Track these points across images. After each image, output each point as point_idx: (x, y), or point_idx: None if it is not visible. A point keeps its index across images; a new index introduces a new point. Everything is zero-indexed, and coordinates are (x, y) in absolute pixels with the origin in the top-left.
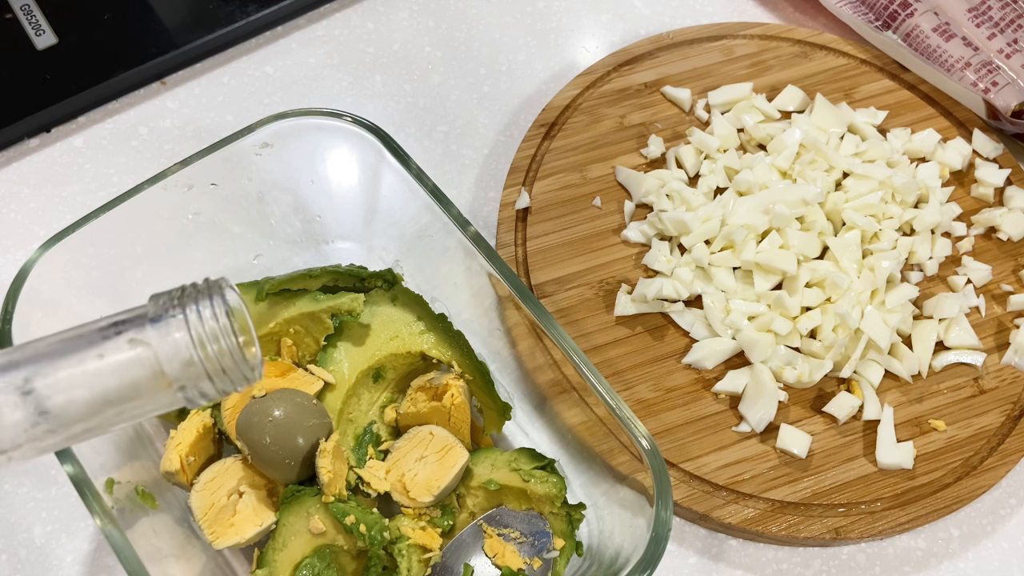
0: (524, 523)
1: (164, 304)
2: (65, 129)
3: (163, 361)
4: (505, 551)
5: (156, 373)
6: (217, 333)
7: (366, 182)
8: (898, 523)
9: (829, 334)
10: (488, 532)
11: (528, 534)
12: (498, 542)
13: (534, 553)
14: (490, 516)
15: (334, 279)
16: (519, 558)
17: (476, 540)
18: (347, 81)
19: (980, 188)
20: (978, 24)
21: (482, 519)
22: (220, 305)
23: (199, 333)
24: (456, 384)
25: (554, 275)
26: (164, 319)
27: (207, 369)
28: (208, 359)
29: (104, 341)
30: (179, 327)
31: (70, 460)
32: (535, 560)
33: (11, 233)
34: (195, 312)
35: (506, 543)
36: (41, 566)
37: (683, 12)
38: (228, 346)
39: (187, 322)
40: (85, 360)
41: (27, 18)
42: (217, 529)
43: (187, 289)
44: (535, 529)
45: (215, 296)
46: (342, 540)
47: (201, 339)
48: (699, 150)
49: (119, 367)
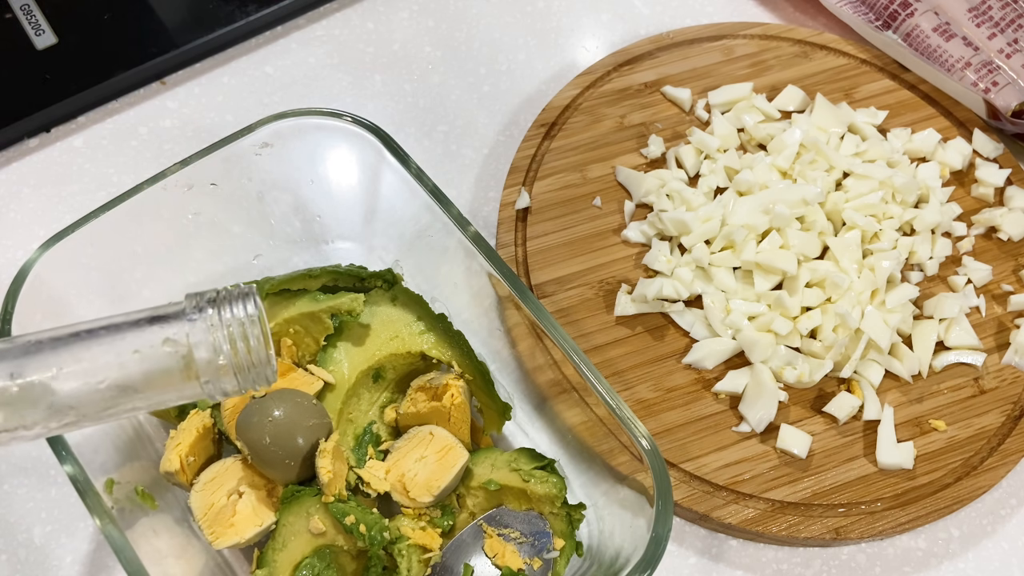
0: (524, 523)
1: (199, 303)
2: (65, 129)
3: (195, 355)
4: (505, 551)
5: (185, 366)
6: (247, 334)
7: (366, 182)
8: (898, 523)
9: (829, 334)
10: (488, 532)
11: (528, 534)
12: (498, 542)
13: (534, 553)
14: (490, 516)
15: (334, 279)
16: (519, 558)
17: (476, 540)
18: (347, 81)
19: (980, 188)
20: (978, 24)
21: (482, 519)
22: (252, 309)
23: (231, 333)
24: (456, 384)
25: (554, 275)
26: (201, 317)
27: (234, 367)
28: (236, 358)
29: (140, 332)
30: (214, 325)
31: (70, 460)
32: (535, 560)
33: (11, 233)
34: (229, 313)
35: (506, 543)
36: (41, 566)
37: (683, 12)
38: (256, 347)
39: (222, 321)
40: (120, 348)
41: (27, 18)
42: (217, 529)
43: (221, 292)
44: (535, 529)
45: (247, 301)
46: (342, 540)
47: (233, 338)
48: (699, 150)
49: (152, 358)
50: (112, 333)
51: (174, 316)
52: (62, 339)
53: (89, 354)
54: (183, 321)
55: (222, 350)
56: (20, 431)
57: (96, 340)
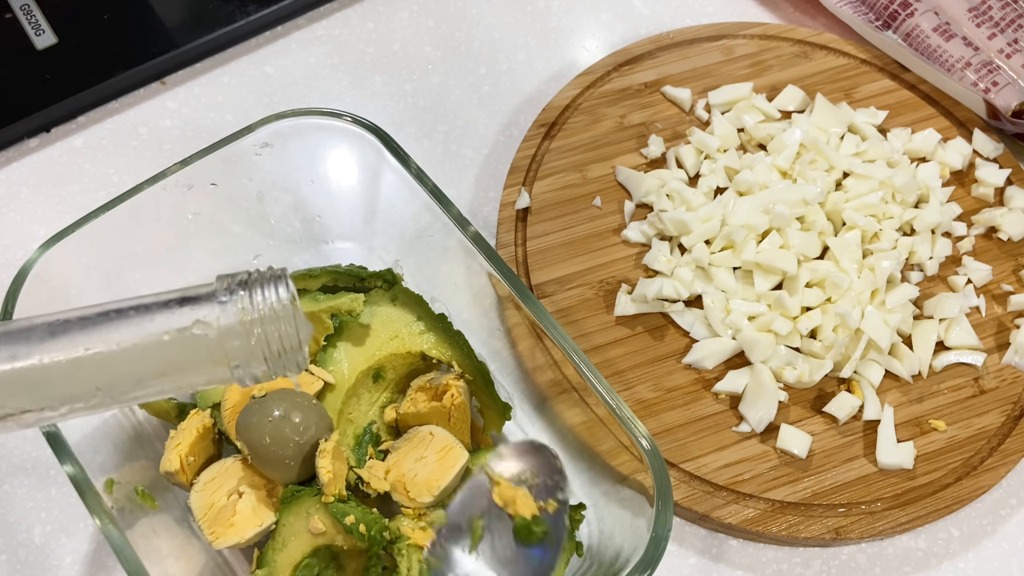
0: (534, 461)
1: (231, 285)
2: (65, 129)
3: (225, 338)
4: (516, 497)
5: (215, 349)
6: (279, 317)
7: (366, 182)
8: (898, 523)
9: (829, 334)
10: (495, 479)
11: (540, 472)
12: (508, 488)
13: (548, 494)
14: (494, 455)
15: (334, 279)
16: (532, 503)
17: (482, 490)
18: (347, 81)
19: (980, 188)
20: (978, 24)
21: (488, 462)
22: (285, 291)
23: (263, 315)
24: (456, 384)
25: (554, 275)
26: (232, 299)
27: (265, 351)
28: (269, 341)
29: (170, 313)
30: (246, 307)
31: (70, 460)
32: (549, 503)
33: (11, 233)
34: (261, 296)
35: (516, 488)
36: (41, 566)
37: (683, 12)
38: (288, 331)
39: (254, 303)
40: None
41: (27, 18)
42: (217, 529)
43: (253, 274)
44: (548, 467)
45: (279, 283)
46: (342, 540)
47: (265, 321)
48: (699, 150)
49: (181, 340)
50: (141, 314)
51: (205, 298)
52: (90, 319)
53: (118, 335)
54: (213, 303)
55: (253, 333)
56: (46, 411)
57: (125, 320)
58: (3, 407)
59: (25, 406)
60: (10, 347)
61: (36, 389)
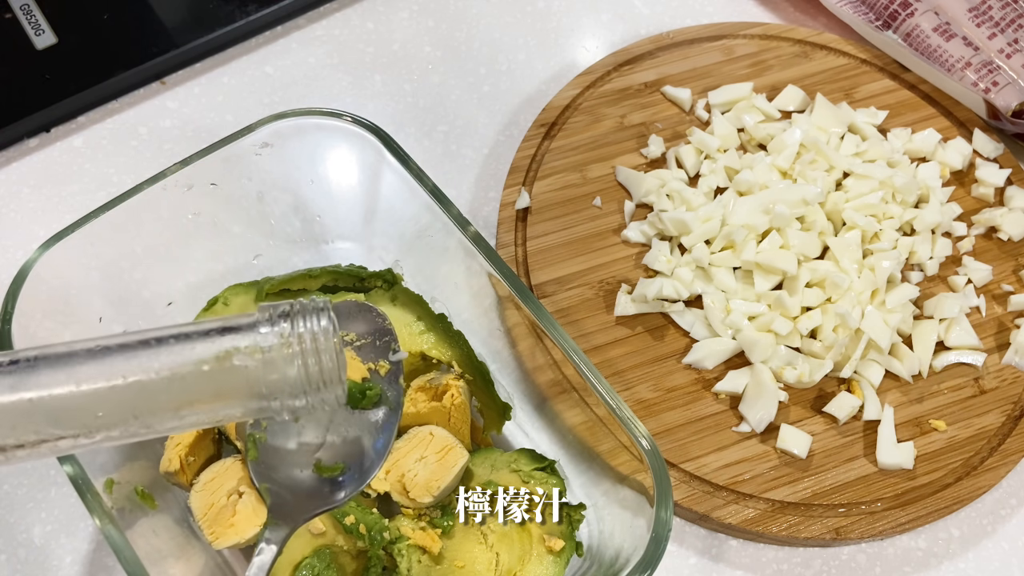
0: (359, 322)
1: (272, 316)
2: (65, 129)
3: (266, 370)
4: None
5: (256, 380)
6: (320, 351)
7: (366, 182)
8: (898, 523)
9: (829, 334)
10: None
11: (367, 334)
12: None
13: (378, 355)
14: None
15: (334, 279)
16: (360, 365)
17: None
18: (347, 81)
19: (980, 188)
20: (978, 24)
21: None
22: (328, 323)
23: (305, 347)
24: (456, 384)
25: (554, 275)
26: (273, 330)
27: (305, 385)
28: (309, 375)
29: (210, 343)
30: (287, 339)
31: (70, 460)
32: (381, 364)
33: (11, 233)
34: (304, 326)
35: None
36: (40, 566)
37: (683, 12)
38: (328, 365)
39: (296, 335)
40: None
41: (27, 18)
42: (217, 529)
43: (295, 305)
44: (375, 327)
45: (321, 315)
46: (342, 540)
47: (306, 353)
48: (699, 150)
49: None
50: (181, 342)
51: (246, 328)
52: (130, 345)
53: (157, 362)
54: (255, 333)
55: (294, 366)
56: (81, 438)
57: (165, 348)
58: (39, 433)
59: (60, 432)
60: (48, 373)
61: (73, 416)
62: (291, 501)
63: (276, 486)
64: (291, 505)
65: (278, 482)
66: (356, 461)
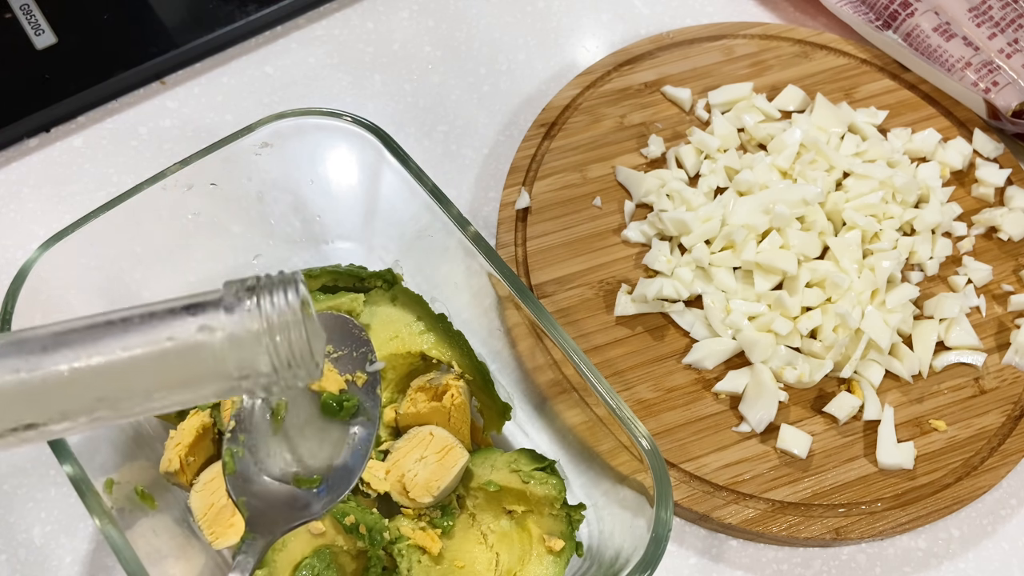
0: (335, 333)
1: (239, 291)
2: (65, 129)
3: (232, 347)
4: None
5: (222, 358)
6: (289, 325)
7: (366, 182)
8: (898, 523)
9: (829, 334)
10: None
11: (344, 345)
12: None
13: (355, 366)
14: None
15: (334, 279)
16: (337, 377)
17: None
18: (347, 81)
19: (981, 188)
20: (979, 24)
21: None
22: (295, 297)
23: (272, 322)
24: (456, 384)
25: (554, 275)
26: (239, 306)
27: (275, 362)
28: (278, 351)
29: (173, 320)
30: (253, 315)
31: (69, 460)
32: (358, 375)
33: (11, 233)
34: (270, 301)
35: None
36: (40, 566)
37: (683, 12)
38: (297, 340)
39: (262, 310)
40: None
41: (27, 18)
42: (217, 529)
43: (262, 279)
44: (351, 338)
45: (290, 288)
46: (342, 540)
47: (274, 329)
48: (699, 150)
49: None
50: (145, 321)
51: (211, 304)
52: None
53: (121, 342)
54: (219, 310)
55: (261, 343)
56: (50, 425)
57: (129, 327)
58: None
59: (27, 419)
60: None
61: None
62: (268, 514)
63: (254, 499)
64: (268, 517)
65: (256, 495)
66: (334, 472)
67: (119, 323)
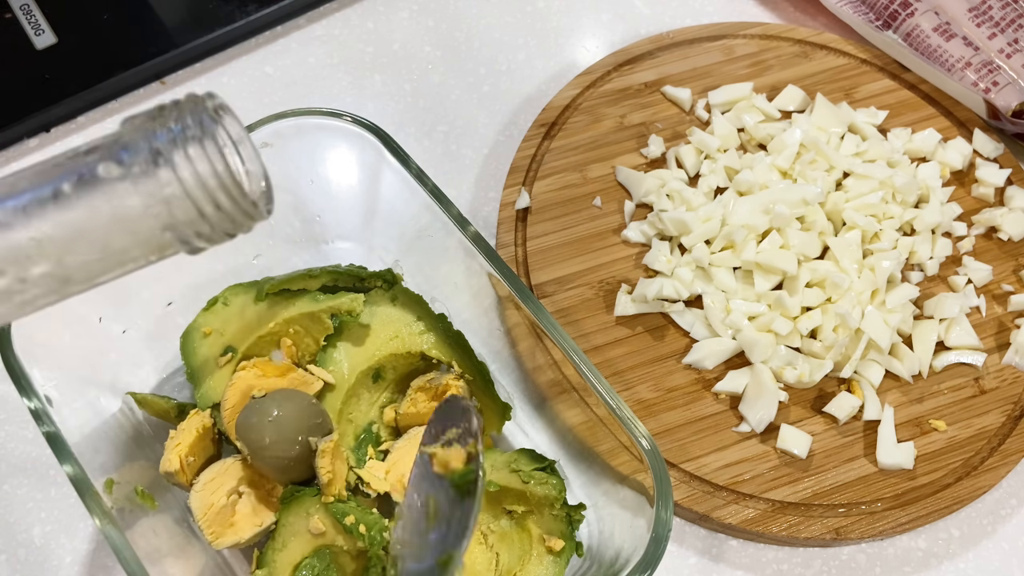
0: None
1: (138, 127)
2: (65, 129)
3: (142, 195)
4: (450, 458)
5: (136, 209)
6: (203, 157)
7: (366, 182)
8: (898, 523)
9: (829, 334)
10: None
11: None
12: (443, 454)
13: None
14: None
15: (334, 279)
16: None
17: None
18: (347, 81)
19: (981, 188)
20: (979, 24)
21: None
22: (207, 125)
23: (180, 159)
24: (456, 384)
25: (554, 275)
26: (136, 145)
27: (197, 205)
28: (193, 191)
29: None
30: (154, 152)
31: (70, 460)
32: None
33: None
34: (170, 134)
35: (449, 450)
36: (40, 566)
37: (683, 12)
38: (218, 173)
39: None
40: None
41: (27, 18)
42: (217, 529)
43: (166, 107)
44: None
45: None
46: (342, 540)
47: (181, 167)
48: (699, 150)
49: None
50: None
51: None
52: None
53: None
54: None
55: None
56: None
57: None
58: None
59: None
60: None
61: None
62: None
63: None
64: None
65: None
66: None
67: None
